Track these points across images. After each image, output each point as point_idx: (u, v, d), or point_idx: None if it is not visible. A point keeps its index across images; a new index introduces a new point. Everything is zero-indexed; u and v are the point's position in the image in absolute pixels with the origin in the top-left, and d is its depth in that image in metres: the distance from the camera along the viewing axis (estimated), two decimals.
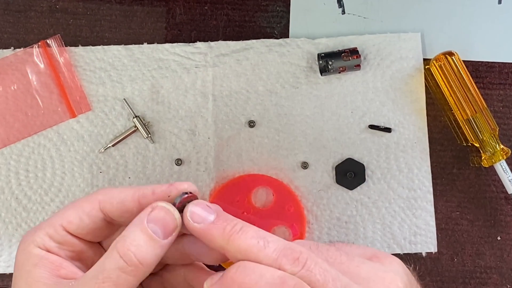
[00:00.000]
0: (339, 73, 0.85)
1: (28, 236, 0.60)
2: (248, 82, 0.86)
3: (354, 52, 0.84)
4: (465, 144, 0.85)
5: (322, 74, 0.85)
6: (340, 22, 0.87)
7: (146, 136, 0.84)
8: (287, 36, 0.87)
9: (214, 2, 0.88)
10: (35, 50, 0.85)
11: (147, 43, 0.87)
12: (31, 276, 0.58)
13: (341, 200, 0.85)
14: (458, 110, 0.83)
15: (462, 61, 0.84)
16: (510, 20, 0.87)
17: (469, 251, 0.85)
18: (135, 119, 0.84)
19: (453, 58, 0.83)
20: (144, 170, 0.84)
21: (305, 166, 0.85)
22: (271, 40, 0.86)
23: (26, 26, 0.87)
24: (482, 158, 0.83)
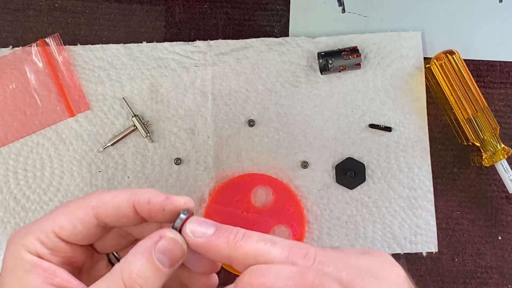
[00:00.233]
0: (339, 72, 0.84)
1: (16, 238, 0.58)
2: (247, 81, 0.86)
3: (354, 51, 0.84)
4: (465, 143, 0.85)
5: (322, 73, 0.84)
6: (340, 20, 0.87)
7: (145, 135, 0.84)
8: (287, 34, 0.87)
9: (213, 0, 0.88)
10: (34, 49, 0.85)
11: (146, 42, 0.86)
12: (24, 283, 0.57)
13: (341, 199, 0.84)
14: (459, 109, 0.83)
15: (463, 60, 0.84)
16: (511, 19, 0.87)
17: (470, 251, 0.85)
18: (134, 118, 0.84)
19: (453, 57, 0.83)
20: (143, 170, 0.84)
21: (305, 165, 0.84)
22: (271, 39, 0.86)
23: (25, 24, 0.87)
24: (483, 157, 0.83)
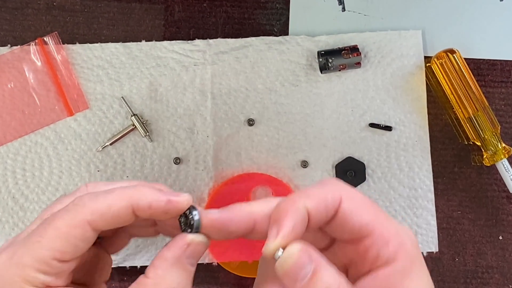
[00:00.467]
0: (339, 71, 0.84)
1: (14, 275, 0.54)
2: (247, 80, 0.85)
3: (354, 49, 0.83)
4: (466, 142, 0.85)
5: (322, 72, 0.84)
6: (340, 19, 0.87)
7: (144, 134, 0.84)
8: (287, 33, 0.87)
9: None
10: (32, 48, 0.84)
11: (145, 41, 0.86)
12: None
13: None
14: (460, 108, 0.83)
15: (464, 59, 0.83)
16: (511, 17, 0.87)
17: (470, 251, 0.85)
18: (133, 118, 0.84)
19: (454, 55, 0.83)
20: (142, 169, 0.84)
21: (305, 165, 0.84)
22: (271, 37, 0.86)
23: (23, 23, 0.87)
24: (484, 156, 0.83)
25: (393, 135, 0.84)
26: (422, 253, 0.83)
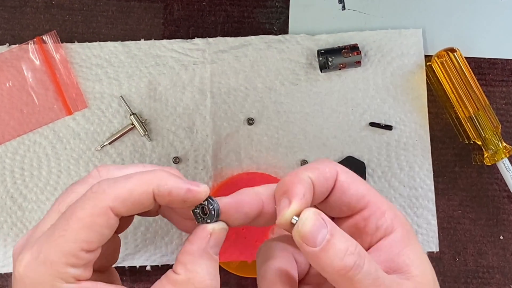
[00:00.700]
0: (339, 69, 0.84)
1: (44, 274, 0.53)
2: (246, 79, 0.85)
3: (354, 48, 0.83)
4: (467, 142, 0.84)
5: (322, 71, 0.84)
6: (340, 18, 0.86)
7: (143, 133, 0.83)
8: (286, 32, 0.87)
9: None
10: (31, 47, 0.84)
11: (144, 40, 0.86)
12: None
13: None
14: (460, 107, 0.83)
15: (464, 57, 0.83)
16: None
17: (471, 251, 0.85)
18: (132, 117, 0.83)
19: (455, 54, 0.83)
20: None
21: (304, 164, 0.83)
22: (270, 36, 0.85)
23: (22, 22, 0.86)
24: (485, 156, 0.83)
25: (393, 134, 0.84)
26: None
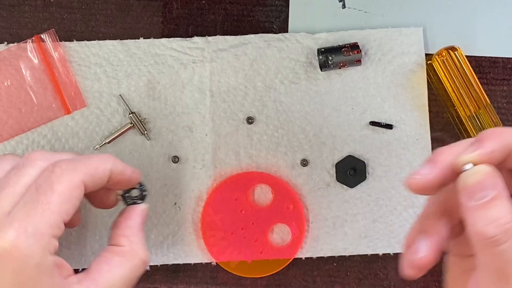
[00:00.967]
0: (339, 68, 0.83)
1: (34, 246, 0.56)
2: (246, 77, 0.84)
3: (354, 47, 0.83)
4: None
5: (322, 70, 0.83)
6: (340, 16, 0.86)
7: (142, 133, 0.83)
8: (286, 30, 0.86)
9: None
10: (29, 45, 0.84)
11: (143, 38, 0.85)
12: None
13: (341, 198, 0.83)
14: (461, 106, 0.82)
15: (465, 56, 0.83)
16: None
17: None
18: (131, 116, 0.83)
19: (455, 53, 0.82)
20: (140, 168, 0.82)
21: (304, 163, 0.83)
22: (270, 35, 0.85)
23: (20, 20, 0.86)
24: None
25: (393, 134, 0.84)
26: None
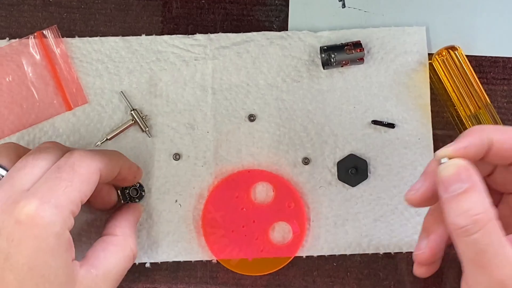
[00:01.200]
0: (342, 67, 0.83)
1: (55, 217, 0.59)
2: (248, 75, 0.85)
3: (357, 45, 0.83)
4: None
5: (324, 68, 0.84)
6: (340, 16, 0.86)
7: (144, 130, 0.83)
8: (286, 30, 0.86)
9: None
10: (31, 41, 0.83)
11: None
12: (68, 264, 0.60)
13: (342, 197, 0.83)
14: (461, 106, 0.83)
15: (465, 56, 0.83)
16: None
17: None
18: (133, 112, 0.83)
19: (456, 53, 0.83)
20: (141, 165, 0.82)
21: (306, 161, 0.83)
22: (272, 32, 0.85)
23: (19, 20, 0.86)
24: None
25: (395, 133, 0.84)
26: None
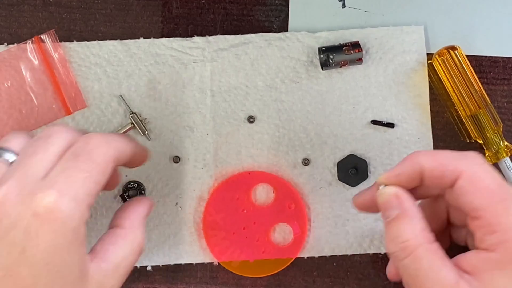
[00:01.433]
0: (341, 67, 0.83)
1: (75, 209, 0.57)
2: (247, 77, 0.84)
3: (356, 45, 0.83)
4: (468, 141, 0.84)
5: (323, 69, 0.83)
6: (340, 15, 0.86)
7: (143, 133, 0.83)
8: (286, 30, 0.86)
9: None
10: (29, 46, 0.83)
11: (143, 38, 0.85)
12: (82, 259, 0.58)
13: (343, 197, 0.83)
14: (461, 106, 0.82)
15: (465, 55, 0.83)
16: None
17: None
18: (132, 116, 0.83)
19: (456, 52, 0.82)
20: (141, 168, 0.82)
21: (306, 162, 0.83)
22: (271, 34, 0.85)
23: (19, 20, 0.86)
24: (486, 155, 0.82)
25: (395, 132, 0.84)
26: None
